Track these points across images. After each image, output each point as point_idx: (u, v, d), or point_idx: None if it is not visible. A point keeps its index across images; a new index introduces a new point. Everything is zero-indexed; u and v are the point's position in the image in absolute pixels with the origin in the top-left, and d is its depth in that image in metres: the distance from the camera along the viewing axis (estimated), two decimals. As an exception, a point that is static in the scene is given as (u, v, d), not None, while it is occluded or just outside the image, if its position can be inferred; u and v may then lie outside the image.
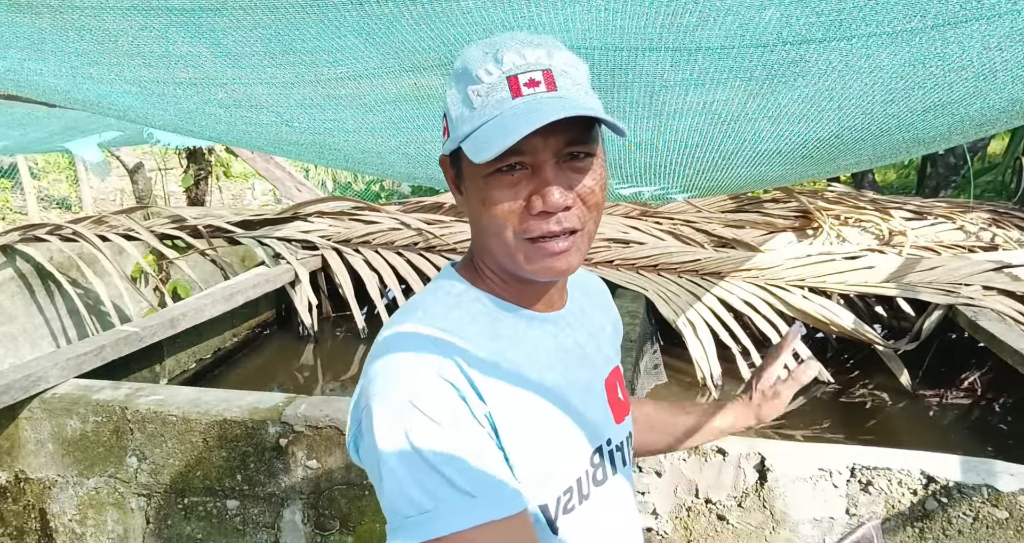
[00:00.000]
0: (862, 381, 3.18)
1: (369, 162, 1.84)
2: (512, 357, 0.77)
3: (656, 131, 1.37)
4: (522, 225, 0.72)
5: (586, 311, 0.92)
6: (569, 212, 0.72)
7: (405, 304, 0.83)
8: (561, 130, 0.68)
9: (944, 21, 0.92)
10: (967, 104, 1.20)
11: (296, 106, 1.40)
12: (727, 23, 0.97)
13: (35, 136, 2.72)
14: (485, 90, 0.70)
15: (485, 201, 0.72)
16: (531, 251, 0.73)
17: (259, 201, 10.13)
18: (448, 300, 0.80)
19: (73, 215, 8.35)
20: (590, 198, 0.74)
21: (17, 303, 3.20)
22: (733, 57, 1.07)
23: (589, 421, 0.82)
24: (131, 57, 1.17)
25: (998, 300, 3.06)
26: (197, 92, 1.34)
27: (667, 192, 1.83)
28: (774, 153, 1.46)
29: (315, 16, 0.99)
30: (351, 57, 1.13)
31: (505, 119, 0.67)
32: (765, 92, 1.17)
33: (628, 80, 1.19)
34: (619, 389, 0.91)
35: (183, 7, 0.98)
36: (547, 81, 0.69)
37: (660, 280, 3.48)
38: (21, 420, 2.11)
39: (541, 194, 0.70)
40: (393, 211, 4.27)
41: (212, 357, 3.44)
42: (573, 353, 0.84)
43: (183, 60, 1.17)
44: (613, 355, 0.95)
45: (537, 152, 0.70)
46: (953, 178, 6.07)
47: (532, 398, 0.77)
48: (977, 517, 1.60)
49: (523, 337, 0.80)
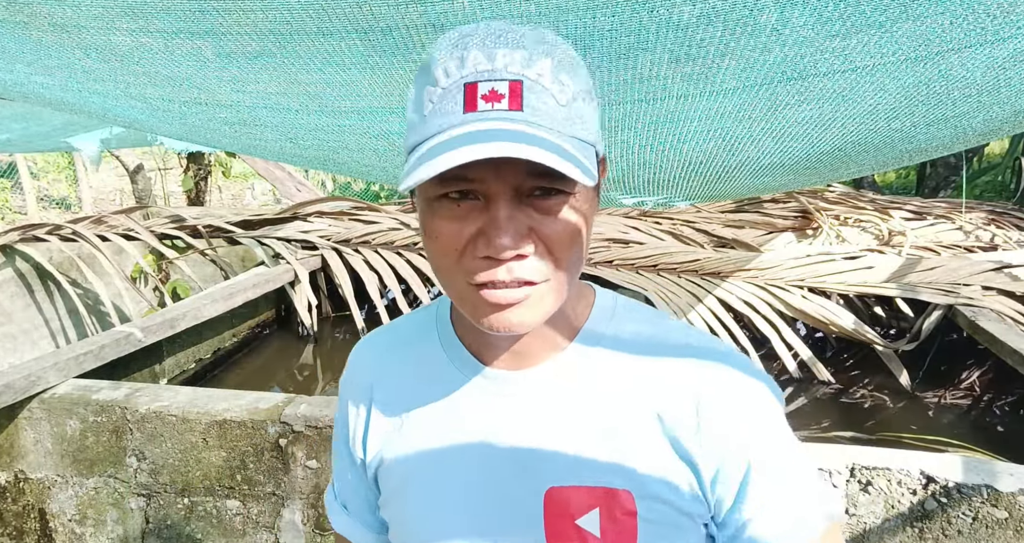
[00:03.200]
0: (862, 381, 3.18)
1: (374, 174, 1.85)
2: (423, 406, 0.69)
3: (660, 154, 1.38)
4: (467, 266, 0.56)
5: (588, 388, 0.65)
6: (524, 261, 0.55)
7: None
8: (523, 159, 0.51)
9: (949, 48, 0.92)
10: (971, 117, 1.20)
11: (300, 128, 1.41)
12: (731, 68, 0.97)
13: (38, 130, 2.72)
14: (438, 96, 0.55)
15: (427, 230, 0.58)
16: (477, 300, 0.57)
17: (259, 201, 10.13)
18: (416, 325, 0.76)
19: (72, 215, 8.34)
20: (558, 245, 0.56)
21: (17, 303, 3.20)
22: (738, 95, 1.07)
23: (491, 521, 0.65)
24: (137, 76, 1.18)
25: (997, 300, 3.06)
26: (203, 110, 1.34)
27: (670, 200, 1.84)
28: (777, 166, 1.46)
29: (320, 46, 0.98)
30: (356, 93, 1.14)
31: (443, 140, 0.53)
32: (769, 118, 1.18)
33: (630, 124, 1.20)
34: (597, 517, 0.62)
35: (189, 30, 0.98)
36: (512, 96, 0.54)
37: (660, 280, 3.48)
38: (20, 420, 2.11)
39: (487, 235, 0.55)
40: (393, 211, 4.27)
41: (212, 357, 3.44)
42: (513, 431, 0.65)
43: (188, 81, 1.17)
44: (626, 471, 0.62)
45: (488, 182, 0.54)
46: (953, 178, 6.08)
47: (419, 463, 0.68)
48: (977, 517, 1.60)
49: (452, 391, 0.68)
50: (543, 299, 0.58)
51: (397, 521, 0.72)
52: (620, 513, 0.62)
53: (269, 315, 3.98)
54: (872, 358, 3.23)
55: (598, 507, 0.62)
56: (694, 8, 0.83)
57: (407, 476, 0.69)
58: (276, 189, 6.53)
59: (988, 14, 0.83)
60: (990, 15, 0.83)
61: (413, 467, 0.68)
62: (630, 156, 1.39)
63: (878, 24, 0.86)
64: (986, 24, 0.85)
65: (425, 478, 0.68)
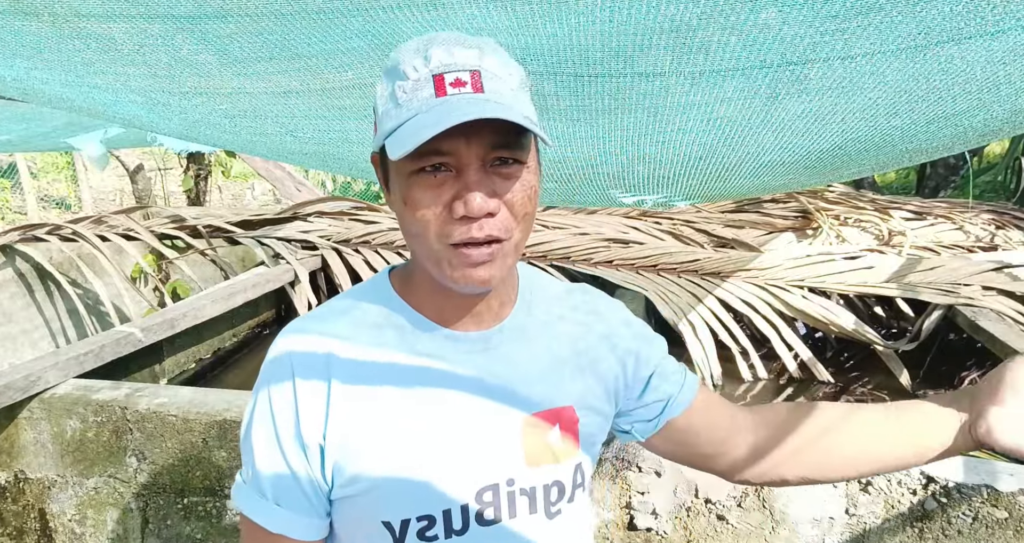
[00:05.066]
0: (862, 381, 3.19)
1: (374, 172, 1.84)
2: (392, 373, 0.76)
3: (659, 146, 1.37)
4: (444, 229, 0.69)
5: (550, 340, 0.83)
6: (493, 219, 0.68)
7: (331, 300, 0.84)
8: (487, 133, 0.66)
9: (948, 38, 0.91)
10: (971, 115, 1.20)
11: (301, 117, 1.40)
12: (731, 44, 0.97)
13: (38, 131, 2.72)
14: (411, 87, 0.68)
15: (407, 200, 0.70)
16: (453, 256, 0.70)
17: (259, 201, 10.13)
18: (362, 303, 0.80)
19: (72, 215, 8.34)
20: (517, 207, 0.70)
21: (16, 303, 3.20)
22: (736, 78, 1.06)
23: (477, 456, 0.77)
24: (136, 66, 1.17)
25: (998, 300, 3.06)
26: (203, 102, 1.34)
27: (670, 200, 1.84)
28: (777, 164, 1.46)
29: (321, 23, 0.99)
30: (357, 61, 1.13)
31: (425, 117, 0.65)
32: (768, 108, 1.17)
33: (632, 104, 1.19)
34: (558, 430, 0.81)
35: (189, 14, 0.98)
36: (474, 82, 0.67)
37: (660, 280, 3.48)
38: (20, 420, 2.11)
39: (463, 199, 0.67)
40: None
41: (212, 357, 3.44)
42: (482, 382, 0.78)
43: (189, 68, 1.17)
44: (583, 393, 0.83)
45: (460, 154, 0.67)
46: (953, 178, 6.08)
47: (397, 421, 0.75)
48: (977, 517, 1.60)
49: (421, 355, 0.77)
50: (506, 257, 0.71)
51: (382, 485, 0.75)
52: (568, 424, 0.82)
53: (269, 315, 3.98)
54: (872, 358, 3.23)
55: (557, 424, 0.81)
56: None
57: (396, 438, 0.76)
58: (276, 189, 6.53)
59: (988, 3, 0.83)
60: (990, 4, 0.83)
61: (403, 428, 0.76)
62: (629, 148, 1.39)
63: (878, 7, 0.85)
64: (986, 14, 0.85)
65: (417, 434, 0.76)
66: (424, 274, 0.76)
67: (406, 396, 0.76)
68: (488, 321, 0.80)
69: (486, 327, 0.80)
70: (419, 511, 0.76)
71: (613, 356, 0.86)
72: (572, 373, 0.83)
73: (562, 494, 0.82)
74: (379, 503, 0.75)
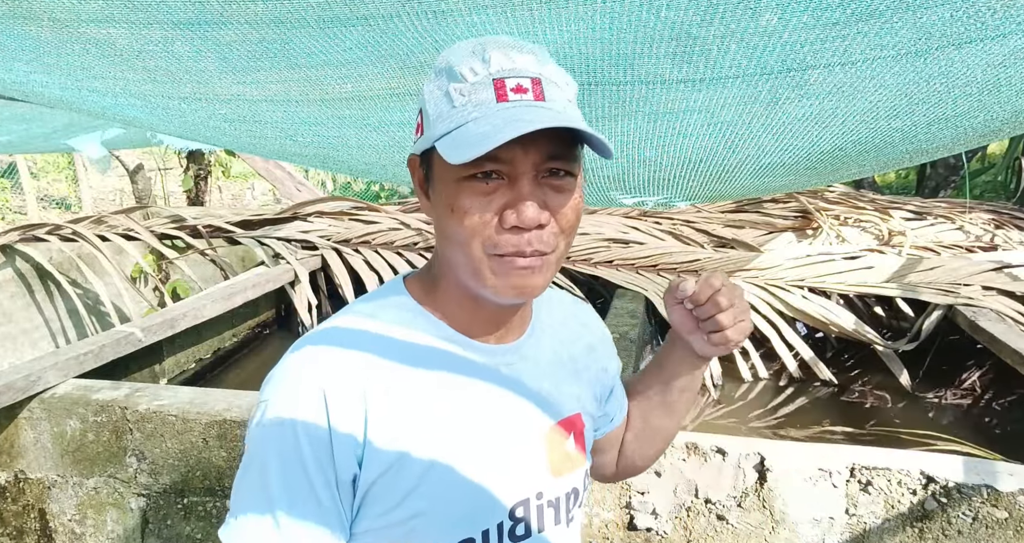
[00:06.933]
0: (862, 381, 3.18)
1: (373, 172, 1.85)
2: (429, 392, 0.72)
3: (659, 149, 1.37)
4: (491, 239, 0.66)
5: (556, 346, 0.84)
6: (542, 231, 0.67)
7: (339, 314, 0.77)
8: (544, 143, 0.64)
9: (949, 42, 0.91)
10: (971, 117, 1.20)
11: (300, 124, 1.40)
12: (732, 51, 0.96)
13: (38, 132, 2.72)
14: (468, 89, 0.66)
15: (454, 207, 0.67)
16: (497, 265, 0.67)
17: (259, 201, 10.13)
18: (384, 317, 0.74)
19: (72, 215, 8.34)
20: (564, 220, 0.69)
21: (17, 303, 3.20)
22: (737, 84, 1.06)
23: (511, 472, 0.76)
24: (136, 72, 1.17)
25: (998, 300, 3.06)
26: (202, 107, 1.34)
27: (670, 201, 1.84)
28: (778, 166, 1.46)
29: (322, 32, 0.98)
30: (357, 74, 1.13)
31: (487, 122, 0.63)
32: (769, 112, 1.17)
33: (632, 109, 1.19)
34: (572, 439, 0.82)
35: (189, 20, 0.97)
36: (535, 89, 0.66)
37: (660, 280, 3.48)
38: (20, 420, 2.10)
39: (516, 208, 0.65)
40: (393, 211, 4.27)
41: (212, 357, 3.44)
42: (511, 395, 0.77)
43: (188, 74, 1.17)
44: (581, 399, 0.85)
45: (516, 162, 0.65)
46: (952, 178, 6.08)
47: (438, 442, 0.71)
48: (976, 517, 1.60)
49: (454, 371, 0.74)
50: (548, 269, 0.70)
51: (426, 512, 0.71)
52: (579, 431, 0.84)
53: (269, 315, 3.98)
54: (872, 358, 3.23)
55: (572, 432, 0.82)
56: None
57: (438, 464, 0.72)
58: (276, 189, 6.53)
59: (988, 8, 0.83)
60: (990, 9, 0.83)
61: (444, 453, 0.72)
62: (630, 151, 1.39)
63: (878, 13, 0.86)
64: (986, 19, 0.85)
65: (457, 458, 0.73)
66: (453, 283, 0.73)
67: (445, 420, 0.73)
68: (515, 332, 0.79)
69: (512, 339, 0.79)
70: (460, 535, 0.73)
71: (597, 366, 0.90)
72: (575, 380, 0.85)
73: (576, 500, 0.83)
74: (418, 532, 0.71)
